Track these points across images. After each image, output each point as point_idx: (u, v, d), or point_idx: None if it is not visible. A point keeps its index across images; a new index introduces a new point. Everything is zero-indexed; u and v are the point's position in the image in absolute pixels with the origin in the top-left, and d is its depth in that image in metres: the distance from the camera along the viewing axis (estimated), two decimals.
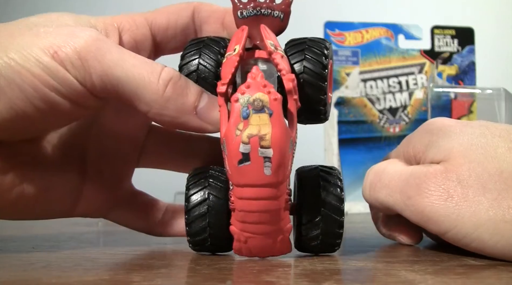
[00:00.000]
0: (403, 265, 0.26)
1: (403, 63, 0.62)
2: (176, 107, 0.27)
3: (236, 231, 0.26)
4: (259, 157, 0.24)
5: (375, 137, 0.61)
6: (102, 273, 0.24)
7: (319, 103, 0.28)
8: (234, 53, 0.27)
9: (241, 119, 0.24)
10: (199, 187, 0.28)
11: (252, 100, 0.24)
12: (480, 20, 0.77)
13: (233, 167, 0.24)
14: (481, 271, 0.25)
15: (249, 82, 0.24)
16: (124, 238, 0.38)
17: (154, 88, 0.26)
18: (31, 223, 0.44)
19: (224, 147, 0.25)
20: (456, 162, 0.28)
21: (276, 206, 0.25)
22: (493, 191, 0.27)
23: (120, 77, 0.26)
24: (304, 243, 0.28)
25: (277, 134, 0.24)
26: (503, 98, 0.53)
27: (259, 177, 0.24)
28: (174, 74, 0.27)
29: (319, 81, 0.27)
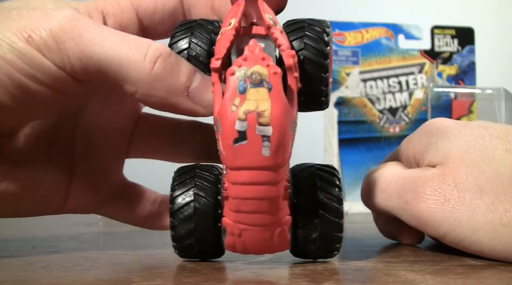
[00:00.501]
0: (403, 265, 0.26)
1: (403, 63, 0.62)
2: (166, 87, 0.25)
3: (229, 223, 0.24)
4: (257, 135, 0.21)
5: (375, 137, 0.61)
6: (102, 273, 0.24)
7: (321, 83, 0.25)
8: (230, 27, 0.24)
9: (237, 93, 0.22)
10: (184, 188, 0.26)
11: (250, 73, 0.22)
12: (480, 20, 0.77)
13: (228, 147, 0.22)
14: (481, 271, 0.25)
15: (246, 55, 0.22)
16: (124, 238, 0.38)
17: (140, 67, 0.24)
18: (31, 223, 0.44)
19: (218, 126, 0.22)
20: (453, 166, 0.28)
21: (275, 193, 0.23)
22: (491, 194, 0.27)
23: (101, 57, 0.24)
24: (300, 248, 0.26)
25: (277, 111, 0.22)
26: (503, 98, 0.53)
27: (256, 158, 0.22)
28: (164, 50, 0.25)
29: (320, 58, 0.25)
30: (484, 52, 0.69)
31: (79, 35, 0.24)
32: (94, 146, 0.31)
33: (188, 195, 0.25)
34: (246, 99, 0.21)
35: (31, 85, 0.24)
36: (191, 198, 0.25)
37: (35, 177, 0.29)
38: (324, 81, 0.25)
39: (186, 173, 0.26)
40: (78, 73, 0.25)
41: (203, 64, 0.26)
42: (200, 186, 0.26)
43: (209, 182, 0.26)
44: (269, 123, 0.21)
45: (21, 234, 0.40)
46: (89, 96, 0.29)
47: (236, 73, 0.22)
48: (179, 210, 0.25)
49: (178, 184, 0.26)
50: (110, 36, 0.25)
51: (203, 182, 0.26)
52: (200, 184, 0.26)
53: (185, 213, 0.25)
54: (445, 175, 0.28)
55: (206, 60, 0.26)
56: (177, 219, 0.25)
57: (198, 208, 0.25)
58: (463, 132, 0.29)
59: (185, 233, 0.25)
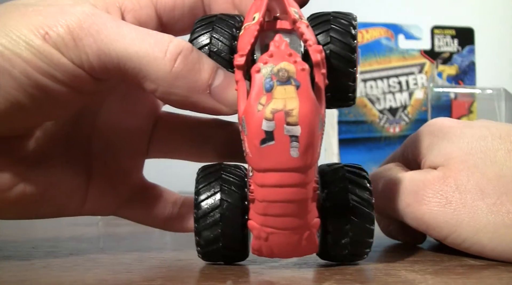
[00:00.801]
0: (403, 265, 0.26)
1: (403, 63, 0.62)
2: (187, 85, 0.24)
3: (256, 226, 0.23)
4: (285, 135, 0.21)
5: (375, 137, 0.61)
6: (102, 273, 0.24)
7: (348, 78, 0.24)
8: (253, 22, 0.23)
9: (263, 91, 0.21)
10: (210, 192, 0.25)
11: (276, 70, 0.21)
12: (480, 20, 0.77)
13: (254, 148, 0.21)
14: (481, 271, 0.25)
15: (272, 51, 0.21)
16: (124, 238, 0.38)
17: (161, 64, 0.23)
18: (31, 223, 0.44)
19: (244, 126, 0.21)
20: (455, 168, 0.28)
21: (304, 195, 0.22)
22: (492, 195, 0.26)
23: (120, 53, 0.23)
24: (330, 252, 0.25)
25: (305, 109, 0.21)
26: (503, 98, 0.53)
27: (284, 160, 0.21)
28: (185, 46, 0.24)
29: (348, 52, 0.24)
30: (484, 52, 0.69)
31: (98, 32, 0.23)
32: (112, 146, 0.30)
33: (214, 199, 0.24)
34: (273, 98, 0.21)
35: (48, 84, 0.24)
36: (217, 203, 0.24)
37: (52, 178, 0.28)
38: (351, 76, 0.24)
39: (211, 175, 0.25)
40: (97, 71, 0.24)
41: (225, 60, 0.25)
42: (227, 190, 0.24)
43: (235, 186, 0.25)
44: (298, 122, 0.21)
45: (21, 234, 0.40)
46: (107, 94, 0.28)
47: (262, 70, 0.21)
48: (204, 216, 0.24)
49: (203, 188, 0.25)
50: (129, 32, 0.24)
51: (230, 186, 0.25)
52: (226, 188, 0.25)
53: (211, 219, 0.24)
54: (447, 177, 0.28)
55: (228, 56, 0.25)
56: (203, 225, 0.24)
57: (224, 214, 0.24)
58: (464, 132, 0.29)
59: (211, 239, 0.24)
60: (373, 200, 0.25)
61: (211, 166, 0.26)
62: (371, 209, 0.25)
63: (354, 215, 0.24)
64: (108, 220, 0.50)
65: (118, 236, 0.39)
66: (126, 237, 0.38)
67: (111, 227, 0.45)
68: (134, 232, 0.41)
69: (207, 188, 0.25)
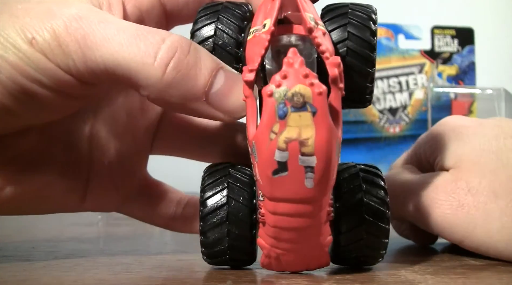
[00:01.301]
0: (403, 265, 0.26)
1: (403, 63, 0.62)
2: (181, 93, 0.22)
3: (266, 246, 0.22)
4: (299, 166, 0.19)
5: (375, 137, 0.61)
6: (102, 273, 0.24)
7: (365, 78, 0.22)
8: (264, 30, 0.21)
9: (276, 119, 0.19)
10: (216, 189, 0.23)
11: (291, 95, 0.19)
12: (480, 20, 0.77)
13: (266, 177, 0.20)
14: (481, 271, 0.25)
15: (286, 71, 0.19)
16: (124, 238, 0.38)
17: (150, 70, 0.22)
18: (31, 223, 0.44)
19: (254, 152, 0.20)
20: (466, 170, 0.27)
21: (317, 223, 0.21)
22: (505, 197, 0.26)
23: (106, 60, 0.22)
24: (343, 255, 0.24)
25: (322, 138, 0.19)
26: (503, 98, 0.53)
27: (298, 191, 0.20)
28: (180, 47, 0.22)
29: (366, 50, 0.22)
30: (484, 52, 0.69)
31: (83, 37, 0.22)
32: (115, 142, 0.29)
33: (220, 197, 0.23)
34: (287, 126, 0.19)
35: (35, 89, 0.23)
36: (224, 200, 0.23)
37: (49, 178, 0.27)
38: (369, 77, 0.22)
39: (218, 173, 0.24)
40: (86, 77, 0.23)
41: (230, 54, 0.23)
42: (234, 188, 0.23)
43: (243, 184, 0.23)
44: (313, 153, 0.19)
45: (21, 234, 0.40)
46: (107, 91, 0.27)
47: (275, 94, 0.19)
48: (210, 214, 0.23)
49: (209, 185, 0.24)
50: (117, 34, 0.22)
51: (237, 183, 0.24)
52: (233, 185, 0.23)
53: (217, 218, 0.23)
54: (458, 179, 0.27)
55: (235, 51, 0.23)
56: (208, 224, 0.23)
57: (231, 212, 0.23)
58: (477, 132, 0.29)
59: (216, 239, 0.23)
60: (388, 199, 0.24)
61: (218, 164, 0.25)
62: (387, 209, 0.23)
63: (369, 215, 0.23)
64: (108, 220, 0.50)
65: (118, 236, 0.39)
66: (126, 237, 0.38)
67: (111, 227, 0.45)
68: (134, 232, 0.41)
69: (214, 185, 0.23)
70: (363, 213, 0.23)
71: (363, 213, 0.23)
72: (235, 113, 0.23)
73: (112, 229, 0.44)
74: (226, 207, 0.23)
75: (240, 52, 0.23)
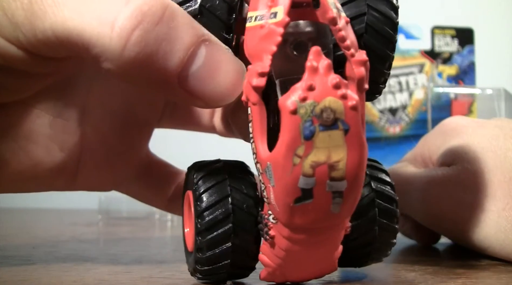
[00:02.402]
0: (403, 265, 0.26)
1: (403, 63, 0.62)
2: (147, 74, 0.17)
3: (271, 265, 0.19)
4: (327, 192, 0.16)
5: (375, 137, 0.61)
6: (102, 273, 0.24)
7: (384, 63, 0.19)
8: (275, 20, 0.17)
9: (301, 140, 0.16)
10: (217, 196, 0.19)
11: (320, 111, 0.15)
12: (480, 20, 0.77)
13: (285, 205, 0.17)
14: (481, 271, 0.25)
15: (311, 80, 0.16)
16: (124, 238, 0.38)
17: (106, 43, 0.17)
18: (31, 223, 0.44)
19: (270, 175, 0.17)
20: (465, 166, 0.27)
21: (334, 244, 0.19)
22: (502, 199, 0.26)
23: (56, 29, 0.17)
24: (350, 256, 0.21)
25: (355, 160, 0.16)
26: (503, 98, 0.53)
27: (323, 218, 0.17)
28: (148, 13, 0.17)
29: (388, 28, 0.18)
30: (484, 52, 0.69)
31: (30, 2, 0.18)
32: (111, 117, 0.26)
33: (223, 206, 0.19)
34: (314, 147, 0.16)
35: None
36: (228, 211, 0.19)
37: (32, 155, 0.24)
38: (388, 61, 0.19)
39: (215, 174, 0.20)
40: (41, 51, 0.19)
41: (220, 20, 0.19)
42: (238, 195, 0.20)
43: (246, 187, 0.20)
44: (344, 177, 0.16)
45: (21, 234, 0.40)
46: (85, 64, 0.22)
47: (299, 110, 0.15)
48: (212, 228, 0.19)
49: (207, 191, 0.20)
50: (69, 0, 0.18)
51: (240, 186, 0.20)
52: (237, 190, 0.20)
53: (220, 232, 0.19)
54: (457, 175, 0.27)
55: (226, 16, 0.19)
56: (209, 239, 0.19)
57: (237, 224, 0.19)
58: (477, 132, 0.29)
59: (218, 256, 0.20)
60: (396, 197, 0.21)
61: (209, 162, 0.21)
62: (396, 206, 0.21)
63: (378, 214, 0.21)
64: (108, 220, 0.50)
65: (118, 236, 0.39)
66: (126, 237, 0.38)
67: (111, 227, 0.45)
68: (134, 232, 0.41)
69: (213, 192, 0.20)
70: (375, 214, 0.21)
71: (375, 214, 0.21)
72: (217, 100, 0.18)
73: (112, 229, 0.44)
74: (231, 218, 0.19)
75: (232, 18, 0.19)
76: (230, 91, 0.18)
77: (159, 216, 0.54)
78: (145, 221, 0.51)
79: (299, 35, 0.17)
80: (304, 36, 0.17)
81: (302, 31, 0.18)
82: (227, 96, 0.18)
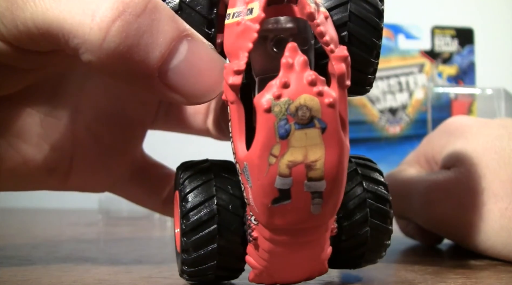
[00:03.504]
0: (403, 265, 0.26)
1: (403, 63, 0.62)
2: (127, 67, 0.17)
3: (258, 267, 0.19)
4: (305, 193, 0.16)
5: (375, 137, 0.61)
6: (102, 273, 0.24)
7: (370, 52, 0.18)
8: (251, 17, 0.16)
9: (276, 139, 0.15)
10: (202, 197, 0.19)
11: (295, 109, 0.15)
12: (480, 20, 0.77)
13: (263, 206, 0.16)
14: (481, 271, 0.25)
15: (286, 77, 0.15)
16: (124, 238, 0.38)
17: (85, 34, 0.17)
18: (31, 223, 0.44)
19: (247, 175, 0.16)
20: (467, 169, 0.27)
21: (320, 244, 0.18)
22: (505, 199, 0.26)
23: (37, 20, 0.17)
24: (342, 257, 0.21)
25: (333, 159, 0.16)
26: (503, 98, 0.53)
27: (303, 219, 0.17)
28: (130, 5, 0.17)
29: (373, 16, 0.18)
30: (484, 52, 0.69)
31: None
32: (104, 116, 0.26)
33: (209, 207, 0.19)
34: (290, 146, 0.15)
35: None
36: (213, 212, 0.19)
37: (26, 150, 0.23)
38: (374, 50, 0.18)
39: (201, 174, 0.20)
40: (24, 43, 0.18)
41: (201, 15, 0.18)
42: (223, 195, 0.19)
43: (232, 187, 0.20)
44: (323, 177, 0.16)
45: (21, 234, 0.40)
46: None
47: (274, 108, 0.15)
48: (196, 229, 0.19)
49: (192, 191, 0.19)
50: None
51: (226, 186, 0.20)
52: (222, 190, 0.19)
53: (205, 233, 0.19)
54: (459, 178, 0.27)
55: (206, 11, 0.18)
56: (194, 240, 0.19)
57: (222, 225, 0.19)
58: (481, 132, 0.28)
59: (203, 257, 0.19)
60: (390, 197, 0.21)
61: (196, 162, 0.21)
62: (390, 207, 0.21)
63: (370, 216, 0.20)
64: (108, 220, 0.50)
65: (118, 236, 0.39)
66: (126, 237, 0.38)
67: (111, 227, 0.45)
68: (134, 232, 0.41)
69: (198, 192, 0.19)
70: (367, 215, 0.20)
71: (367, 215, 0.20)
72: (197, 97, 0.18)
73: (112, 229, 0.44)
74: (217, 218, 0.19)
75: (213, 13, 0.19)
76: (211, 87, 0.18)
77: (159, 216, 0.54)
78: (145, 221, 0.51)
79: (279, 31, 0.17)
80: (285, 33, 0.17)
81: (282, 27, 0.17)
82: (208, 92, 0.18)
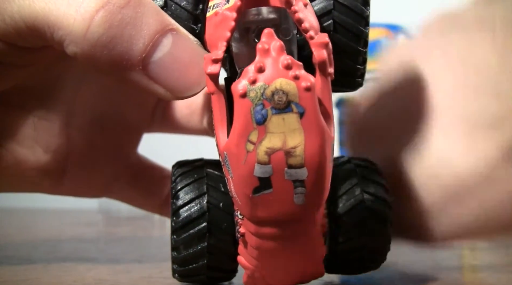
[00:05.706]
0: (403, 265, 0.26)
1: None
2: (110, 58, 0.17)
3: (249, 267, 0.18)
4: (286, 181, 0.15)
5: None
6: (102, 273, 0.24)
7: (356, 59, 0.18)
8: (228, 6, 0.16)
9: (253, 125, 0.15)
10: (193, 194, 0.19)
11: (271, 93, 0.15)
12: None
13: (245, 197, 0.16)
14: (481, 271, 0.25)
15: (261, 61, 0.15)
16: (124, 238, 0.38)
17: (70, 24, 0.17)
18: (31, 223, 0.44)
19: (227, 165, 0.16)
20: None
21: (309, 241, 0.18)
22: None
23: (23, 13, 0.18)
24: (340, 262, 0.20)
25: (313, 145, 0.15)
26: None
27: (286, 210, 0.16)
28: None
29: (357, 23, 0.18)
30: None
31: None
32: (100, 118, 0.25)
33: (199, 204, 0.19)
34: (268, 132, 0.15)
35: None
36: (203, 209, 0.19)
37: (12, 156, 0.23)
38: (360, 57, 0.19)
39: (193, 172, 0.20)
40: (11, 38, 0.18)
41: (186, 11, 0.18)
42: (215, 194, 0.19)
43: (225, 186, 0.19)
44: (303, 164, 0.15)
45: (21, 234, 0.40)
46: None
47: (249, 93, 0.15)
48: (186, 225, 0.19)
49: (184, 189, 0.19)
50: None
51: (217, 185, 0.19)
52: (213, 188, 0.19)
53: (195, 230, 0.19)
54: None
55: (192, 7, 0.18)
56: (183, 238, 0.19)
57: (212, 223, 0.19)
58: None
59: (193, 255, 0.19)
60: (390, 199, 0.20)
61: (191, 161, 0.21)
62: (389, 210, 0.20)
63: (369, 218, 0.19)
64: (108, 220, 0.50)
65: (118, 236, 0.39)
66: (126, 237, 0.38)
67: (111, 227, 0.45)
68: (134, 232, 0.41)
69: (189, 189, 0.19)
70: (364, 216, 0.19)
71: (364, 216, 0.19)
72: (181, 90, 0.18)
73: (112, 229, 0.44)
74: (207, 216, 0.19)
75: (199, 9, 0.18)
76: (195, 81, 0.18)
77: (159, 216, 0.54)
78: (145, 221, 0.51)
79: (261, 22, 0.16)
80: (267, 23, 0.17)
81: (264, 18, 0.17)
82: (192, 86, 0.18)
